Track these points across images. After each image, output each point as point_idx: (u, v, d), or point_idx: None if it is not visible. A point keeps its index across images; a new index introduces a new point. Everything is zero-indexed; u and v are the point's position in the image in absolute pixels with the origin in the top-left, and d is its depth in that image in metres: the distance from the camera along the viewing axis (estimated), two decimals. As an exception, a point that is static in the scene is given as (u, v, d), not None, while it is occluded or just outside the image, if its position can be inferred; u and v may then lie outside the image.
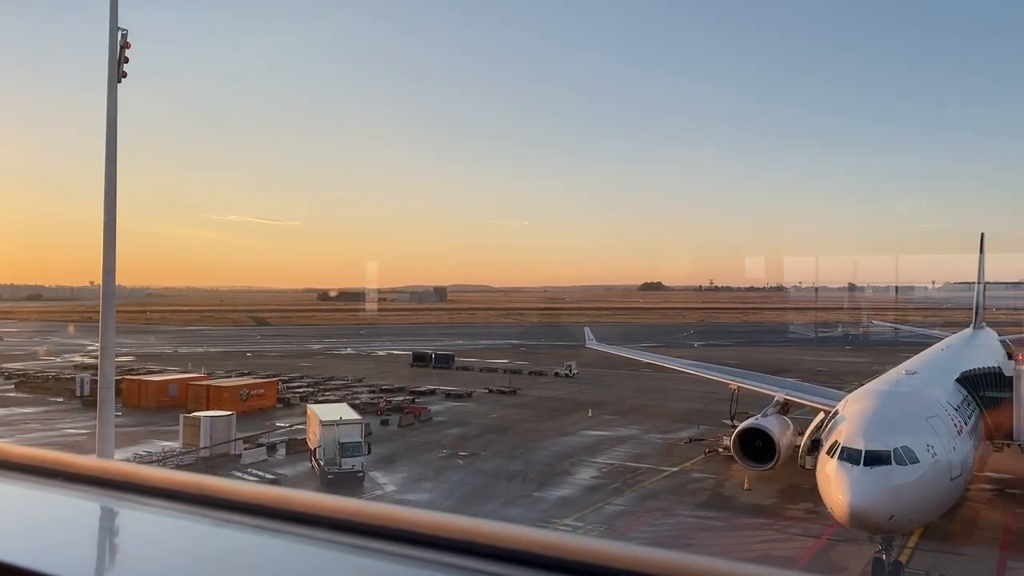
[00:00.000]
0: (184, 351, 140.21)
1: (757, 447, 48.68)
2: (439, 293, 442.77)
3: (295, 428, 64.95)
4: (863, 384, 51.31)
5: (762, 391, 59.39)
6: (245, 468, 54.50)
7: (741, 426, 50.27)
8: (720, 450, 56.92)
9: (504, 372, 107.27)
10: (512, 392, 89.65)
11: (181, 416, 61.14)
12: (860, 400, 39.08)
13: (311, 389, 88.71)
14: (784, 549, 38.49)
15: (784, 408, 53.65)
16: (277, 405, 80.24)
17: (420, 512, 2.32)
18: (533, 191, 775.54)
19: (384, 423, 70.01)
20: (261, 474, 52.99)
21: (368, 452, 52.61)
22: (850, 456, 32.08)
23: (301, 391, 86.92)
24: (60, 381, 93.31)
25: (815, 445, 37.47)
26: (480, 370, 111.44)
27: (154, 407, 77.23)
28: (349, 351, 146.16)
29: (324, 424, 52.32)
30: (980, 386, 46.29)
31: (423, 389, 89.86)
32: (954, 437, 35.85)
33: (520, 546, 2.09)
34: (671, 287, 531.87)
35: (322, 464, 51.15)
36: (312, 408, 60.40)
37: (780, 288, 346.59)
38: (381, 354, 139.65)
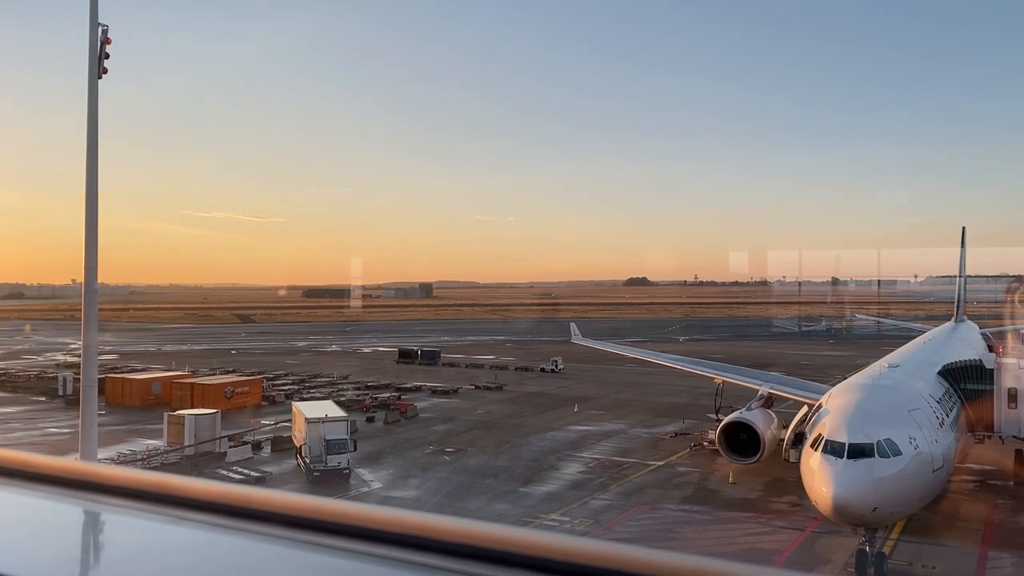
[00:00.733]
0: (168, 349, 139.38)
1: (742, 441, 49.00)
2: (425, 289, 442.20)
3: (281, 426, 64.71)
4: (846, 377, 51.74)
5: (746, 385, 59.71)
6: (230, 466, 54.26)
7: (726, 420, 50.55)
8: (705, 444, 57.18)
9: (490, 368, 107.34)
10: (498, 388, 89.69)
11: (165, 414, 60.79)
12: (843, 393, 39.36)
13: (296, 386, 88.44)
14: (769, 542, 38.75)
15: (768, 402, 53.99)
16: (262, 403, 79.93)
17: (388, 510, 2.34)
18: (519, 187, 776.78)
19: (370, 420, 69.90)
20: (246, 472, 52.79)
21: (354, 449, 52.51)
22: (833, 449, 32.33)
23: (286, 389, 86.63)
24: (42, 380, 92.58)
25: (799, 438, 37.73)
26: (466, 366, 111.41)
27: (138, 405, 76.79)
28: (335, 348, 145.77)
29: (310, 421, 52.14)
30: (961, 379, 46.72)
31: (409, 386, 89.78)
32: (936, 429, 36.17)
33: (489, 544, 2.12)
34: (656, 282, 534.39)
35: (308, 461, 50.99)
36: (298, 405, 60.19)
37: (764, 283, 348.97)
38: (367, 351, 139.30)
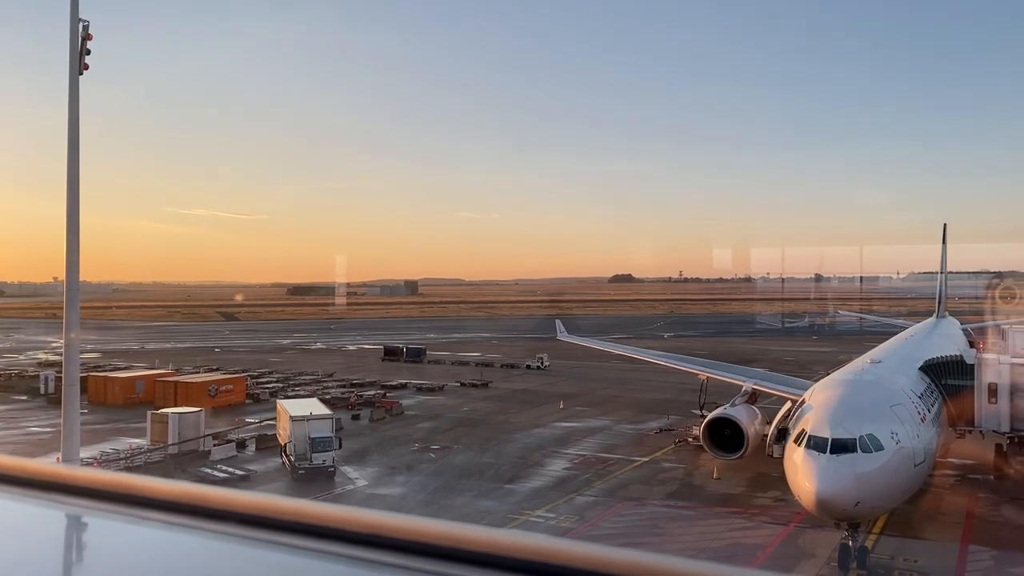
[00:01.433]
0: (151, 347, 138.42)
1: (726, 436, 49.25)
2: (410, 287, 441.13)
3: (265, 424, 64.48)
4: (829, 373, 52.08)
5: (730, 381, 60.02)
6: (214, 465, 53.99)
7: (710, 416, 50.80)
8: (690, 440, 57.40)
9: (476, 365, 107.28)
10: (484, 385, 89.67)
11: (148, 413, 60.42)
12: (826, 389, 39.62)
13: (281, 384, 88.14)
14: (753, 537, 38.97)
15: (752, 398, 54.29)
16: (247, 401, 79.52)
17: (346, 508, 2.36)
18: (504, 185, 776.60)
19: (355, 418, 69.73)
20: (231, 470, 52.56)
21: (339, 447, 52.36)
22: (816, 444, 32.56)
23: (271, 387, 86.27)
24: (23, 379, 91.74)
25: (782, 434, 37.95)
26: (452, 363, 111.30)
27: (120, 404, 76.24)
28: (319, 346, 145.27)
29: (294, 419, 51.94)
30: (943, 374, 47.14)
31: (394, 383, 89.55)
32: (918, 424, 36.50)
33: (444, 542, 2.15)
34: (641, 279, 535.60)
35: (293, 460, 50.80)
36: (282, 403, 59.98)
37: (748, 279, 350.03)
38: (352, 348, 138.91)
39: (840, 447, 32.10)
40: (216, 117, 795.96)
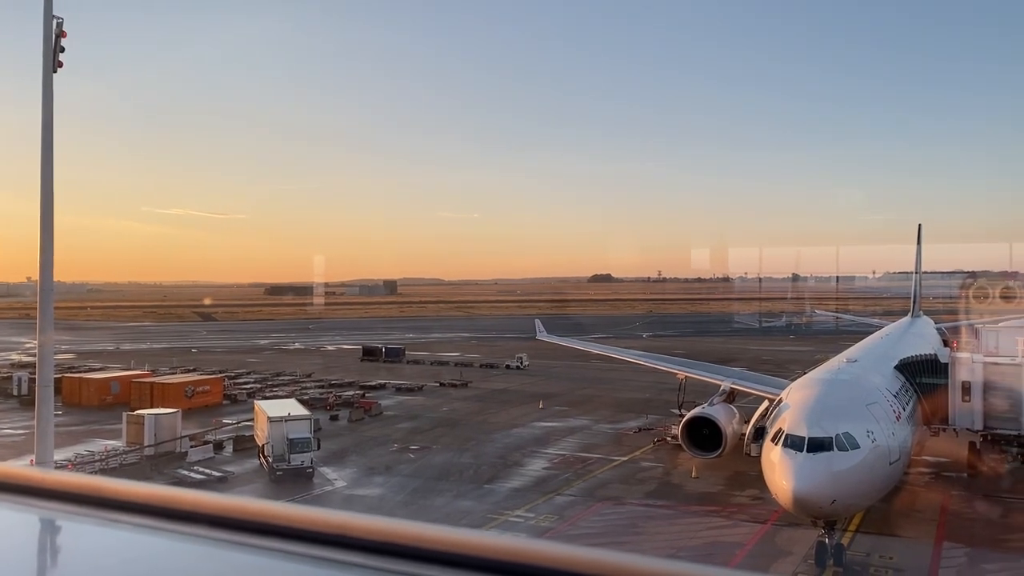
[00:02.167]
0: (127, 348, 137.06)
1: (704, 435, 49.48)
2: (389, 287, 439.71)
3: (242, 425, 64.00)
4: (806, 372, 52.50)
5: (709, 380, 60.36)
6: (191, 466, 53.54)
7: (688, 415, 51.01)
8: (668, 439, 57.64)
9: (455, 365, 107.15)
10: (463, 385, 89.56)
11: (124, 414, 59.76)
12: (803, 388, 39.94)
13: (259, 385, 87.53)
14: (731, 535, 39.21)
15: (730, 397, 54.59)
16: (224, 402, 78.95)
17: (311, 509, 2.36)
18: (483, 185, 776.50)
19: (334, 418, 69.44)
20: (208, 472, 52.13)
21: (317, 448, 52.09)
22: (793, 443, 32.83)
23: (248, 387, 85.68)
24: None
25: (760, 433, 38.22)
26: (431, 363, 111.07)
27: (96, 405, 75.42)
28: (298, 346, 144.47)
29: (272, 420, 51.63)
30: (917, 373, 47.64)
31: (373, 383, 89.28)
32: (893, 423, 36.89)
33: (409, 541, 2.15)
34: (620, 279, 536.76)
35: (271, 461, 50.49)
36: (260, 404, 59.61)
37: (726, 279, 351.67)
38: (330, 349, 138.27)
39: (817, 446, 32.38)
40: (193, 116, 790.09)
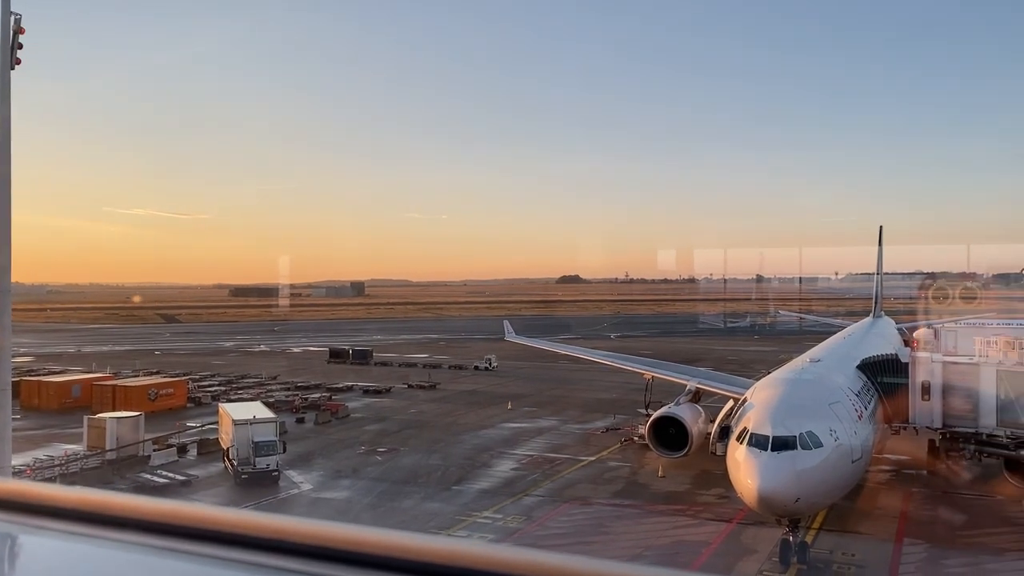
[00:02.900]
0: (88, 350, 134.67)
1: (671, 435, 49.89)
2: (356, 288, 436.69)
3: (207, 428, 63.21)
4: (770, 372, 53.11)
5: (675, 380, 60.84)
6: (154, 470, 52.76)
7: (655, 415, 51.41)
8: (635, 439, 57.96)
9: (423, 367, 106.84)
10: (431, 387, 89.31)
11: (85, 418, 58.64)
12: (767, 388, 40.37)
13: (223, 388, 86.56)
14: (697, 534, 39.55)
15: (696, 396, 55.10)
16: (188, 405, 77.97)
17: (246, 512, 2.33)
18: (452, 186, 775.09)
19: (300, 421, 68.89)
20: (171, 476, 51.41)
21: (283, 451, 51.58)
22: (758, 442, 33.17)
23: (213, 390, 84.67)
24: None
25: (725, 432, 38.57)
26: (399, 365, 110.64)
27: (56, 409, 74.10)
28: (263, 348, 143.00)
29: (237, 423, 51.07)
30: (879, 372, 48.33)
31: (340, 386, 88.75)
32: (855, 422, 37.42)
33: (345, 545, 2.14)
34: (588, 280, 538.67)
35: (235, 464, 49.92)
36: (224, 407, 59.00)
37: (692, 280, 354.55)
38: (296, 351, 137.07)
39: (781, 444, 32.76)
40: (156, 115, 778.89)
